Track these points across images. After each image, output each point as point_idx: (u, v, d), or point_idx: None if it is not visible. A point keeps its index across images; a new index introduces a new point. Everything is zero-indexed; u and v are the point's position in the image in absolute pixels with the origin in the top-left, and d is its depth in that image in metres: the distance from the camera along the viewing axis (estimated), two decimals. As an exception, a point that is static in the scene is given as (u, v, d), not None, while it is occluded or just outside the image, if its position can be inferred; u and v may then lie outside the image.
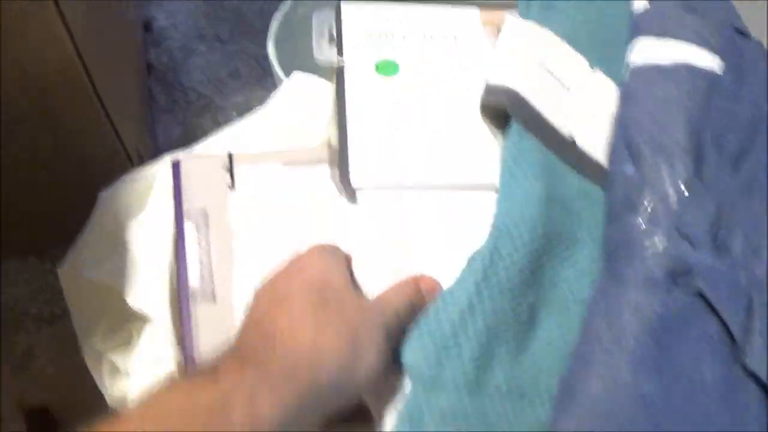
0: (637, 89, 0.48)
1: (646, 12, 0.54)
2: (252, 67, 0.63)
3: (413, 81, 0.53)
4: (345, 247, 0.46)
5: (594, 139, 0.49)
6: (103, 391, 0.55)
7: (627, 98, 0.47)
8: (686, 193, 0.38)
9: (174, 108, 0.78)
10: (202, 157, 0.54)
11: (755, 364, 0.37)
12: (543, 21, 0.52)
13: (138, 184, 0.56)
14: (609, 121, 0.48)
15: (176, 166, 0.53)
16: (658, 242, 0.37)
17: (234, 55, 0.82)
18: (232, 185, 0.52)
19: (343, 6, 0.55)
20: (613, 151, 0.42)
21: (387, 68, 0.54)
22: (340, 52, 0.53)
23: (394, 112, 0.51)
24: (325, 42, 0.53)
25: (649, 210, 0.38)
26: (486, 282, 0.41)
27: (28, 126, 0.67)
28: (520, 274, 0.41)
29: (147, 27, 0.83)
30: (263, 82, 0.60)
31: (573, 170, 0.45)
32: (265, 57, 0.63)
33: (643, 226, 0.37)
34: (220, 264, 0.50)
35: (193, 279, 0.49)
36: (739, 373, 0.37)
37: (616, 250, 0.38)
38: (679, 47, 0.50)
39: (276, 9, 0.62)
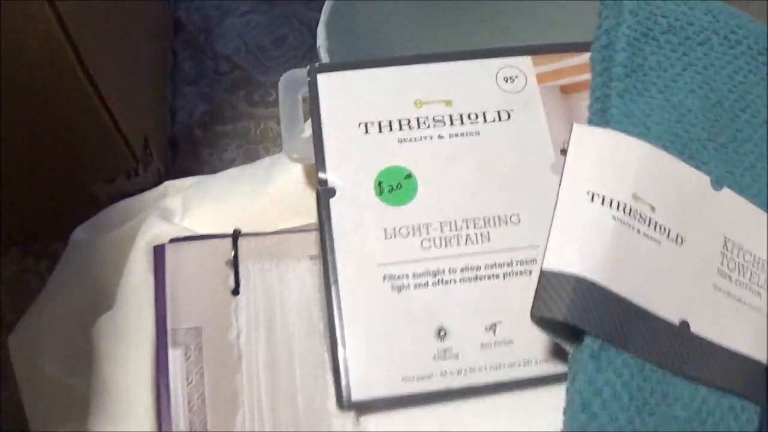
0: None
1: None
2: (303, 37, 0.47)
3: (437, 210, 0.34)
4: None
5: (720, 312, 0.32)
6: None
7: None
8: None
9: (201, 80, 0.63)
10: (193, 242, 0.39)
11: None
12: (630, 113, 0.34)
13: (116, 235, 0.42)
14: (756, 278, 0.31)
15: (159, 254, 0.39)
16: None
17: (282, 19, 0.65)
18: (236, 290, 0.38)
19: (321, 77, 0.36)
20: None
21: (398, 189, 0.34)
22: (321, 167, 0.35)
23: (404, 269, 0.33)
24: (298, 129, 0.36)
25: None
26: None
27: (22, 117, 0.53)
28: None
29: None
30: (314, 57, 0.44)
31: (684, 380, 0.30)
32: (315, 26, 0.47)
33: None
34: (217, 406, 0.37)
35: (179, 425, 0.37)
36: None
37: None
38: None
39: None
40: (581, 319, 0.28)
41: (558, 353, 0.32)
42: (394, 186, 0.34)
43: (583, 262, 0.29)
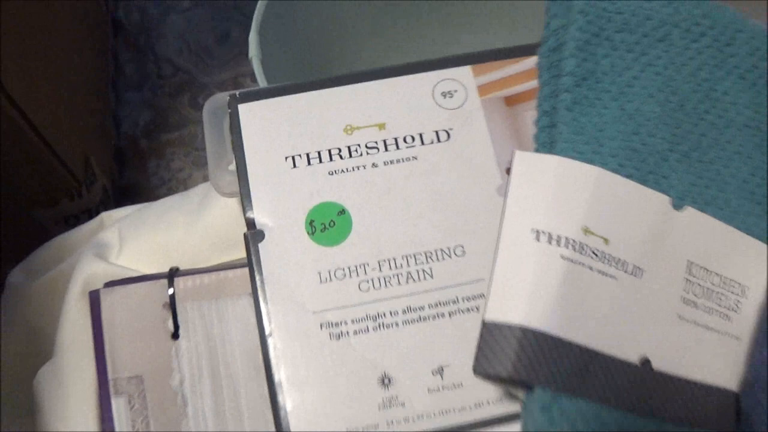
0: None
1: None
2: (246, 32, 0.44)
3: (374, 248, 0.31)
4: None
5: (691, 347, 0.29)
6: None
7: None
8: None
9: (144, 84, 0.60)
10: (132, 285, 0.37)
11: None
12: (581, 129, 0.31)
13: (51, 277, 0.40)
14: (726, 302, 0.29)
15: (95, 300, 0.36)
16: None
17: (226, 14, 0.61)
18: (175, 333, 0.36)
19: (243, 108, 0.32)
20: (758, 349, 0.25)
21: (331, 227, 0.31)
22: (248, 206, 0.32)
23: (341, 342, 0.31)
24: (225, 161, 0.33)
25: None
26: None
27: None
28: None
29: None
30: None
31: (649, 418, 0.28)
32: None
33: None
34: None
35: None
36: None
37: None
38: None
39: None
40: (529, 373, 0.25)
41: (512, 394, 0.30)
42: (327, 224, 0.31)
43: (530, 310, 0.26)
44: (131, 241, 0.40)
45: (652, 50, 0.33)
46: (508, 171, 0.32)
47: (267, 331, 0.31)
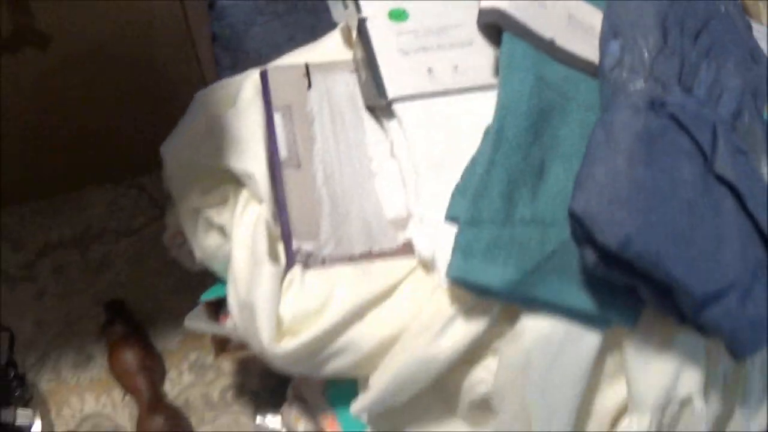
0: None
1: None
2: (306, 36, 0.77)
3: (422, 22, 0.65)
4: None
5: (572, 38, 0.62)
6: (194, 246, 0.68)
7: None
8: (657, 53, 0.53)
9: (237, 65, 0.93)
10: (284, 67, 0.69)
11: (722, 169, 0.51)
12: None
13: (229, 88, 0.70)
14: (584, 24, 0.63)
15: (264, 75, 0.68)
16: (638, 84, 0.51)
17: (290, 26, 0.97)
18: (309, 86, 0.67)
19: None
20: (602, 33, 0.58)
21: (398, 15, 0.66)
22: (358, 9, 0.66)
23: (411, 42, 0.65)
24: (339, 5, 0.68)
25: (629, 65, 0.53)
26: (499, 143, 0.56)
27: (124, 62, 0.81)
28: (526, 135, 0.56)
29: (211, 5, 0.99)
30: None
31: (559, 63, 0.60)
32: (316, 27, 0.78)
33: (625, 75, 0.52)
34: (302, 141, 0.64)
35: (283, 152, 0.64)
36: (711, 180, 0.52)
37: (608, 97, 0.53)
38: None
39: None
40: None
41: None
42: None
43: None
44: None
45: None
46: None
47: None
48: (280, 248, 0.62)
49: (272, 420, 0.77)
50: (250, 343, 0.60)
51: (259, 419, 0.77)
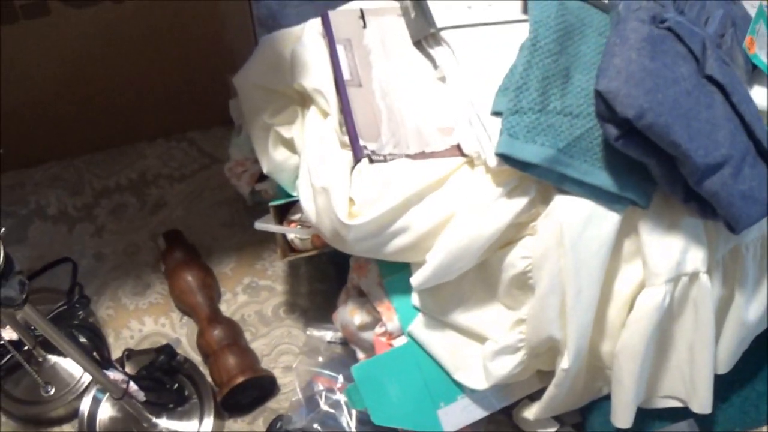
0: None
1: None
2: None
3: None
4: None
5: None
6: (263, 160, 0.77)
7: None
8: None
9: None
10: (342, 10, 0.81)
11: (711, 70, 0.64)
12: None
13: (292, 33, 0.82)
14: None
15: (325, 16, 0.80)
16: (642, 3, 0.65)
17: (322, 7, 1.10)
18: (365, 26, 0.79)
19: None
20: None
21: None
22: None
23: None
24: None
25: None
26: (534, 50, 0.68)
27: (190, 27, 0.92)
28: (555, 44, 0.68)
29: None
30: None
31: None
32: None
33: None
34: (362, 67, 0.76)
35: (346, 74, 0.75)
36: (703, 81, 0.65)
37: (618, 17, 0.66)
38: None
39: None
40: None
41: None
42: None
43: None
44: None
45: None
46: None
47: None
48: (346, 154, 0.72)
49: (320, 332, 0.85)
50: (324, 225, 0.69)
51: (309, 330, 0.85)
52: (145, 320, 0.88)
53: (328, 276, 0.89)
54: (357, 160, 0.71)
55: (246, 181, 0.86)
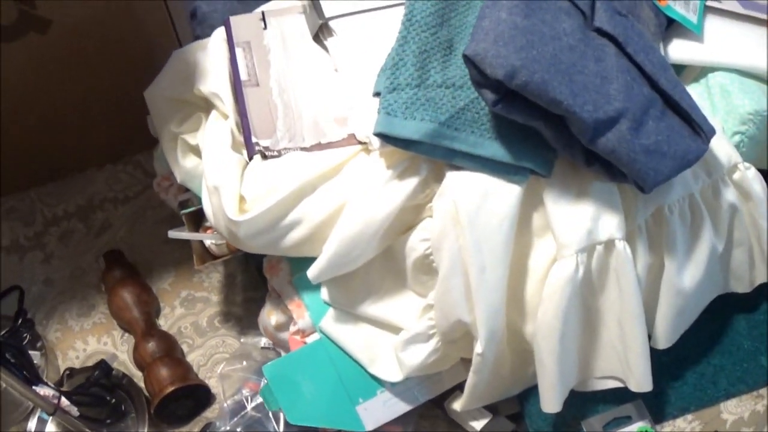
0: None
1: None
2: None
3: None
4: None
5: None
6: (175, 170, 0.78)
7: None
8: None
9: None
10: (243, 15, 0.81)
11: (600, 23, 0.62)
12: None
13: (201, 44, 0.83)
14: None
15: (227, 22, 0.80)
16: None
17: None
18: (265, 27, 0.79)
19: None
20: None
21: None
22: None
23: None
24: None
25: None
26: (410, 26, 0.67)
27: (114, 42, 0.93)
28: (432, 18, 0.67)
29: (193, 14, 1.12)
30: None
31: None
32: None
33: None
34: (260, 66, 0.76)
35: (243, 75, 0.75)
36: (592, 34, 0.63)
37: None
38: None
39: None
40: None
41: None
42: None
43: None
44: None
45: None
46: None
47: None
48: (243, 152, 0.72)
49: (254, 339, 0.84)
50: (219, 224, 0.69)
51: (243, 338, 0.84)
52: (89, 340, 0.89)
53: (262, 284, 0.89)
54: (250, 157, 0.70)
55: (173, 193, 0.86)
